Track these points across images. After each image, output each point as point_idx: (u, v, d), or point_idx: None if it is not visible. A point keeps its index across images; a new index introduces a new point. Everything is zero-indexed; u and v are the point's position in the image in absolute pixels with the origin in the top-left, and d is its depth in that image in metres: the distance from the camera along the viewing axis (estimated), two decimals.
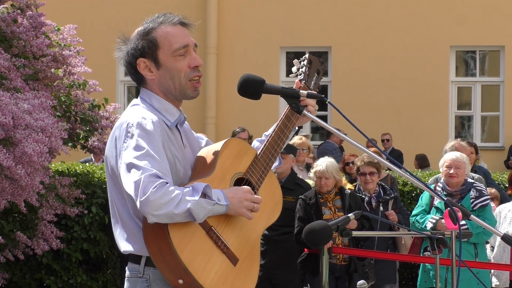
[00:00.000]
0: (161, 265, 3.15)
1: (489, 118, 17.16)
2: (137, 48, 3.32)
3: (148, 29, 3.33)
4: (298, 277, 8.21)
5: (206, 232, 3.19)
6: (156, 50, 3.30)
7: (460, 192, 7.39)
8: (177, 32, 3.33)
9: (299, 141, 10.31)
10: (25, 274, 9.27)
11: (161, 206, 3.04)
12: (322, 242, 3.50)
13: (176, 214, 3.06)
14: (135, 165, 3.11)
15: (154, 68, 3.32)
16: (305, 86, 3.64)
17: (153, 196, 3.04)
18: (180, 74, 3.32)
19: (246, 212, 3.24)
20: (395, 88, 16.28)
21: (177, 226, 3.11)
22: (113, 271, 9.76)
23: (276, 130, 3.50)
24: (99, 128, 8.73)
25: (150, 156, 3.13)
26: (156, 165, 3.11)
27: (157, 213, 3.05)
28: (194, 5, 16.53)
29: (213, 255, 3.19)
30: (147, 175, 3.07)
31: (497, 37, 16.41)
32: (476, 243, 7.24)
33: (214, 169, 3.28)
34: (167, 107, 3.34)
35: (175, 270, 3.13)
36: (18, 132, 6.91)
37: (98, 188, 9.51)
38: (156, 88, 3.35)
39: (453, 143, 8.77)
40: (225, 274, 3.21)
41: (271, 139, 3.48)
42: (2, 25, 8.10)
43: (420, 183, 3.32)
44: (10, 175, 7.03)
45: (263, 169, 3.43)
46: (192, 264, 3.11)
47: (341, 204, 7.68)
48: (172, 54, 3.30)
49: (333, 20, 16.52)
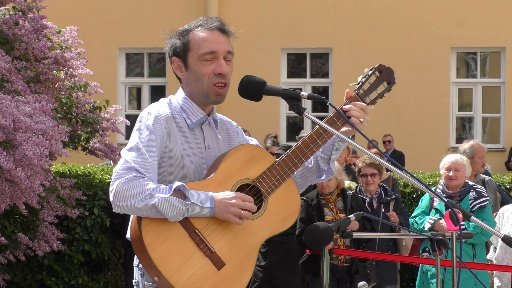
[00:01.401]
0: (142, 260, 3.24)
1: (490, 120, 17.17)
2: (172, 46, 3.44)
3: (185, 30, 3.42)
4: (299, 278, 8.21)
5: (188, 234, 3.20)
6: (187, 52, 3.39)
7: (460, 194, 7.42)
8: (210, 37, 3.38)
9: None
10: (27, 275, 9.28)
11: (126, 198, 3.15)
12: (323, 243, 3.49)
13: (138, 208, 3.16)
14: (123, 156, 3.25)
15: (184, 69, 3.43)
16: (356, 96, 3.60)
17: (119, 188, 3.16)
18: (204, 78, 3.38)
19: (232, 217, 3.24)
20: (396, 89, 16.20)
21: (152, 226, 3.18)
22: (114, 272, 9.76)
23: (306, 139, 3.45)
24: (100, 130, 8.73)
25: (138, 150, 3.24)
26: (140, 159, 3.22)
27: (120, 204, 3.18)
28: (195, 7, 16.53)
29: (193, 257, 3.19)
30: (124, 167, 3.21)
31: (498, 39, 16.42)
32: (474, 244, 7.26)
33: (214, 173, 3.30)
34: (192, 108, 3.42)
35: (149, 267, 3.20)
36: (18, 135, 6.91)
37: (100, 189, 9.52)
38: (185, 87, 3.46)
39: (471, 143, 8.72)
40: (204, 277, 3.20)
41: (297, 148, 3.44)
42: (3, 28, 8.10)
43: (420, 185, 3.33)
44: (10, 178, 7.03)
45: (278, 178, 3.39)
46: (164, 264, 3.15)
47: (343, 205, 7.68)
48: (199, 58, 3.37)
49: (334, 21, 16.53)
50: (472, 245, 7.25)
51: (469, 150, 8.54)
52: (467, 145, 8.68)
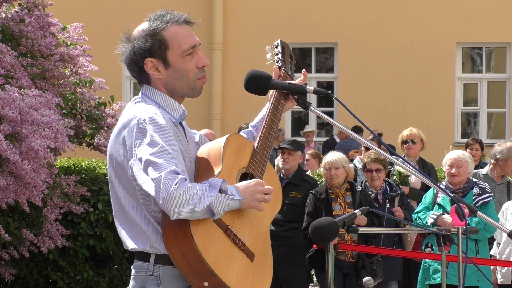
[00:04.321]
0: (185, 270, 3.13)
1: (495, 115, 17.14)
2: (145, 48, 3.28)
3: (156, 28, 3.29)
4: (304, 272, 8.22)
5: (224, 231, 3.19)
6: (166, 51, 3.28)
7: (463, 190, 7.42)
8: (185, 32, 3.31)
9: (408, 132, 9.10)
10: (32, 270, 9.29)
11: (184, 202, 3.03)
12: (328, 238, 3.50)
13: (198, 210, 3.05)
14: (153, 162, 3.08)
15: (162, 68, 3.30)
16: (285, 73, 3.67)
17: (176, 193, 3.01)
18: (189, 74, 3.31)
19: (258, 204, 3.25)
20: (401, 84, 16.26)
21: (200, 230, 3.11)
22: (119, 267, 9.77)
23: (268, 121, 3.52)
24: (105, 126, 8.74)
25: (166, 151, 3.10)
26: (173, 160, 3.09)
27: (179, 210, 3.03)
28: (200, 1, 16.54)
29: (233, 254, 3.20)
30: (167, 172, 3.04)
31: (503, 34, 16.38)
32: (477, 240, 7.26)
33: (221, 167, 3.28)
34: (171, 104, 3.33)
35: (200, 273, 3.12)
36: (25, 127, 6.93)
37: (105, 184, 9.52)
38: (161, 86, 3.33)
39: (509, 145, 8.65)
40: (246, 271, 3.23)
41: (265, 130, 3.51)
42: (10, 24, 8.11)
43: (426, 179, 3.32)
44: (16, 171, 7.04)
45: (262, 162, 3.45)
46: (217, 266, 3.11)
47: (352, 200, 7.69)
48: (182, 54, 3.29)
49: (339, 16, 16.50)
50: (475, 241, 7.26)
51: (507, 151, 8.53)
52: (504, 146, 8.63)
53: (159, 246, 3.20)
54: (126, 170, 3.21)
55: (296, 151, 8.26)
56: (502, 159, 8.54)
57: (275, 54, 3.70)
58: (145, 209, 3.22)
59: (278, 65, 3.67)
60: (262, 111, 3.72)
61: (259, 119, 3.71)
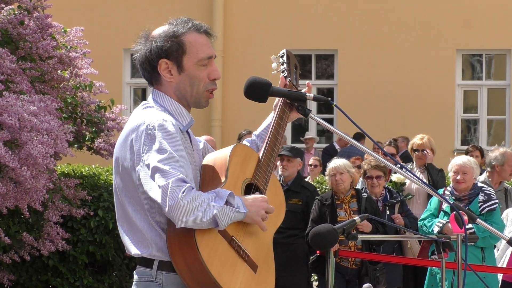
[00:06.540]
0: (189, 279, 3.13)
1: (495, 122, 17.14)
2: (162, 48, 3.28)
3: (177, 32, 3.29)
4: (304, 279, 8.21)
5: (228, 242, 3.18)
6: (182, 55, 3.28)
7: (468, 196, 7.38)
8: (204, 41, 3.32)
9: (419, 141, 9.06)
10: (31, 276, 9.28)
11: (191, 211, 3.01)
12: (327, 245, 3.49)
13: (204, 220, 3.04)
14: (160, 169, 3.06)
15: (175, 72, 3.29)
16: (290, 83, 3.65)
17: (183, 201, 3.00)
18: (200, 83, 3.31)
19: (261, 221, 3.25)
20: (401, 91, 16.27)
21: (205, 240, 3.10)
22: (119, 273, 9.76)
23: (273, 131, 3.52)
24: (105, 129, 8.74)
25: (174, 159, 3.08)
26: (181, 168, 3.08)
27: (186, 219, 3.02)
28: (201, 7, 16.54)
29: (237, 265, 3.19)
30: (174, 180, 3.02)
31: (503, 41, 16.39)
32: (483, 247, 7.22)
33: (227, 178, 3.26)
34: (180, 111, 3.32)
35: (203, 284, 3.11)
36: (23, 134, 6.92)
37: (105, 190, 9.51)
38: (171, 91, 3.32)
39: (504, 150, 8.59)
40: (248, 282, 3.23)
41: (270, 141, 3.50)
42: (8, 27, 8.11)
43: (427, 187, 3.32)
44: (15, 177, 7.04)
45: (267, 173, 3.44)
46: (221, 277, 3.10)
47: (357, 207, 7.68)
48: (197, 62, 3.29)
49: (339, 23, 16.51)
50: (481, 248, 7.21)
51: (501, 157, 8.49)
52: (498, 152, 8.60)
53: (162, 252, 3.18)
54: (132, 175, 3.20)
55: (295, 158, 8.25)
56: (498, 165, 8.51)
57: (281, 63, 3.68)
58: (149, 216, 3.20)
59: (283, 74, 3.65)
60: (266, 120, 3.73)
61: (263, 128, 3.71)
